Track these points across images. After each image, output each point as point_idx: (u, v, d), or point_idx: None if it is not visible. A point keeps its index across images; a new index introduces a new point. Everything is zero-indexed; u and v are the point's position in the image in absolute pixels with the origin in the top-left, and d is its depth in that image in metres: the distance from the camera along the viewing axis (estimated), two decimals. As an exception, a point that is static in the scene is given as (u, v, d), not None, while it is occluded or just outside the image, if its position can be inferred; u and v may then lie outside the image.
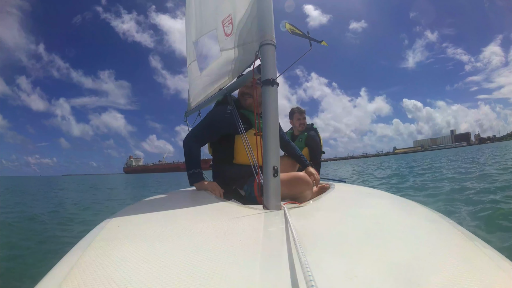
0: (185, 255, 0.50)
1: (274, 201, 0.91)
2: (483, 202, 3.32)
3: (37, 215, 4.75)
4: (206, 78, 1.55)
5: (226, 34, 1.29)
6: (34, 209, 5.73)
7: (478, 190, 4.17)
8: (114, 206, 6.06)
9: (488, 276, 0.45)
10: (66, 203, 7.01)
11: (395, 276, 0.42)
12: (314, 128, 2.63)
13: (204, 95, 1.61)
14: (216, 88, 1.50)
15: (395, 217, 0.88)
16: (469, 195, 3.93)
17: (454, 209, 3.23)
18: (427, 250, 0.55)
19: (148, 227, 0.75)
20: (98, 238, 0.65)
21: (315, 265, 0.41)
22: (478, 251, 0.56)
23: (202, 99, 1.63)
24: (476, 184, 4.84)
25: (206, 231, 0.67)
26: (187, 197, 1.34)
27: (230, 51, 1.30)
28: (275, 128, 0.97)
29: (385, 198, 1.31)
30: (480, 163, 9.78)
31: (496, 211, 2.88)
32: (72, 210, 5.63)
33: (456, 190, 4.56)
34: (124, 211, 1.01)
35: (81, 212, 5.35)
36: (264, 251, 0.51)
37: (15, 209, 5.73)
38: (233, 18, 1.24)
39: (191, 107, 1.78)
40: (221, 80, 1.45)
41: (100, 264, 0.49)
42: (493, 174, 5.87)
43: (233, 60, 1.31)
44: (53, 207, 6.09)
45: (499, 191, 3.85)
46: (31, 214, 4.87)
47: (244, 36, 1.18)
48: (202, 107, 1.70)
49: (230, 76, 1.38)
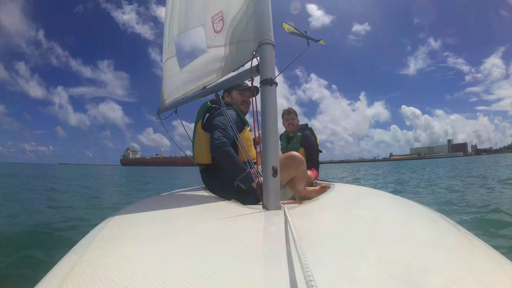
0: (185, 255, 0.50)
1: (274, 201, 0.91)
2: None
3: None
4: (187, 75, 1.49)
5: (216, 31, 1.26)
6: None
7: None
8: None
9: (488, 276, 0.45)
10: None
11: (395, 276, 0.42)
12: (309, 127, 2.61)
13: (183, 91, 1.54)
14: (200, 85, 1.43)
15: (395, 217, 0.88)
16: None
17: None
18: (427, 250, 0.55)
19: (148, 227, 0.75)
20: (98, 238, 0.65)
21: (315, 265, 0.41)
22: (478, 251, 0.56)
23: (180, 96, 1.56)
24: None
25: (206, 231, 0.67)
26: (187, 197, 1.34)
27: (219, 49, 1.26)
28: (275, 127, 0.97)
29: (385, 198, 1.32)
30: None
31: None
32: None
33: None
34: (124, 211, 1.01)
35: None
36: (264, 251, 0.51)
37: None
38: (224, 15, 1.21)
39: (165, 104, 1.69)
40: (207, 77, 1.38)
41: (100, 264, 0.49)
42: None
43: (223, 58, 1.26)
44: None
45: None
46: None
47: (239, 34, 1.16)
48: (180, 105, 1.61)
49: (218, 74, 1.33)
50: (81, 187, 9.18)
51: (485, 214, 3.33)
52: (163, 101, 1.72)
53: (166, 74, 1.65)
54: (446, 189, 6.22)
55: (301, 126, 2.62)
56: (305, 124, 2.65)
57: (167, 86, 1.66)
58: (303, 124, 2.64)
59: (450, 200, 4.60)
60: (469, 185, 6.85)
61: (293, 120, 2.58)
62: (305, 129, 2.58)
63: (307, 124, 2.65)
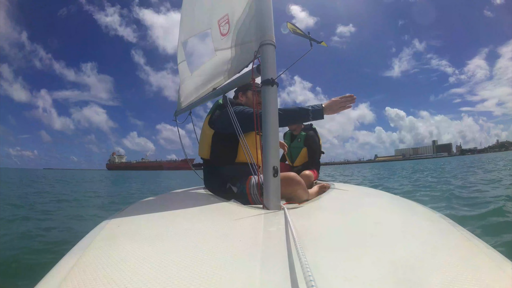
0: (185, 255, 0.50)
1: (274, 201, 0.91)
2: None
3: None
4: (198, 79, 1.53)
5: (222, 34, 1.28)
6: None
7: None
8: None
9: (488, 276, 0.45)
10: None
11: (395, 276, 0.42)
12: (313, 128, 2.62)
13: (196, 95, 1.59)
14: (210, 87, 1.47)
15: (395, 217, 0.88)
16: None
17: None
18: (427, 250, 0.55)
19: (148, 227, 0.75)
20: (98, 238, 0.65)
21: (315, 265, 0.41)
22: (478, 251, 0.56)
23: (193, 99, 1.62)
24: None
25: (206, 231, 0.67)
26: (187, 197, 1.34)
27: (226, 51, 1.29)
28: (275, 128, 0.97)
29: (385, 198, 1.32)
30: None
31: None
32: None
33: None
34: (124, 211, 1.01)
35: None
36: (264, 251, 0.51)
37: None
38: (230, 18, 1.22)
39: (182, 107, 1.75)
40: (215, 80, 1.42)
41: (100, 264, 0.49)
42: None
43: (230, 60, 1.29)
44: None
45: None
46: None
47: (242, 36, 1.17)
48: (193, 107, 1.68)
49: (225, 76, 1.36)
50: (96, 197, 7.14)
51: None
52: (180, 104, 1.78)
53: (181, 78, 1.70)
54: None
55: (306, 126, 2.62)
56: (309, 124, 2.66)
57: (182, 89, 1.71)
58: (307, 124, 2.65)
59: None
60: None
61: None
62: (310, 129, 2.59)
63: (312, 124, 2.65)
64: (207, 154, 1.49)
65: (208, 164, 1.51)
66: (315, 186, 1.75)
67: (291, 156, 2.62)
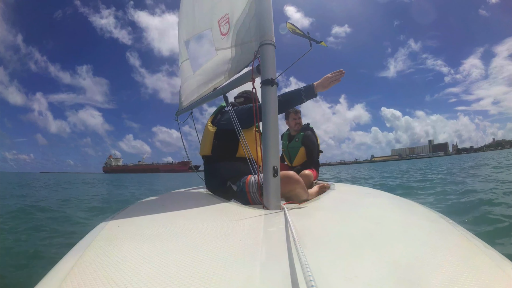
0: (185, 255, 0.50)
1: (274, 201, 0.91)
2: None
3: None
4: (199, 78, 1.53)
5: (222, 33, 1.28)
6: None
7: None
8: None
9: (488, 276, 0.45)
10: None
11: (395, 276, 0.42)
12: (310, 127, 2.63)
13: (197, 94, 1.59)
14: (211, 87, 1.47)
15: (395, 217, 0.88)
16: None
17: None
18: (427, 250, 0.55)
19: (148, 227, 0.75)
20: (98, 238, 0.65)
21: (315, 265, 0.41)
22: (478, 251, 0.56)
23: (195, 98, 1.61)
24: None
25: (206, 231, 0.67)
26: (187, 197, 1.34)
27: (226, 51, 1.29)
28: (275, 127, 0.97)
29: (385, 198, 1.32)
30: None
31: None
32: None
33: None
34: (124, 211, 1.01)
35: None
36: (264, 251, 0.51)
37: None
38: (230, 18, 1.22)
39: (183, 106, 1.75)
40: (216, 79, 1.43)
41: (100, 264, 0.49)
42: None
43: (230, 60, 1.29)
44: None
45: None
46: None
47: (242, 36, 1.17)
48: (194, 107, 1.68)
49: (226, 76, 1.36)
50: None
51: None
52: (181, 104, 1.78)
53: (183, 77, 1.70)
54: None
55: (303, 126, 2.63)
56: (306, 124, 2.66)
57: (184, 89, 1.71)
58: (304, 124, 2.66)
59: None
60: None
61: (300, 120, 2.61)
62: (307, 129, 2.60)
63: (309, 124, 2.66)
64: (208, 151, 1.49)
65: (209, 161, 1.51)
66: (315, 186, 1.75)
67: (289, 156, 2.63)
